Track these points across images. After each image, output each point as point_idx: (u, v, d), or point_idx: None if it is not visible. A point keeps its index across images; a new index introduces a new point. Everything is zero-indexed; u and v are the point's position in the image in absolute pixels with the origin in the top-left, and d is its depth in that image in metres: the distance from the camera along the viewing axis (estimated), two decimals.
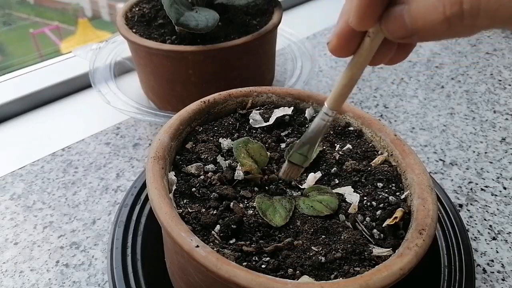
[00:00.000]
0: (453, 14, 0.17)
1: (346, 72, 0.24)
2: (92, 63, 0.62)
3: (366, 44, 0.22)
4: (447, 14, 0.17)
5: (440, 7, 0.18)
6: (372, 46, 0.22)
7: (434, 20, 0.18)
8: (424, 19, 0.18)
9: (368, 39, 0.22)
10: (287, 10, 0.92)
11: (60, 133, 0.58)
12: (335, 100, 0.25)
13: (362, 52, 0.23)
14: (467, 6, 0.17)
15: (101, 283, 0.40)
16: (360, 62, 0.23)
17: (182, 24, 0.48)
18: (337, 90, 0.25)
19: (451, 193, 0.50)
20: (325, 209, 0.30)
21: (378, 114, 0.63)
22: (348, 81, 0.24)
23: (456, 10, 0.17)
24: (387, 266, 0.25)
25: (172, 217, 0.27)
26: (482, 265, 0.42)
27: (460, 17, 0.17)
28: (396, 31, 0.20)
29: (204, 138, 0.36)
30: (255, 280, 0.23)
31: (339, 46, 0.23)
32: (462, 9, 0.17)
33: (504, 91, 0.68)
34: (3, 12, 1.30)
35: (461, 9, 0.17)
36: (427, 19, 0.18)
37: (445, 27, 0.18)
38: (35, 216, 0.46)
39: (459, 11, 0.17)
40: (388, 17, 0.20)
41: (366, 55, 0.23)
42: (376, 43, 0.22)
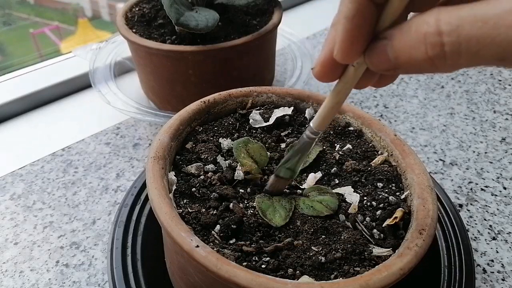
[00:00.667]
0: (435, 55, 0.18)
1: (331, 97, 0.25)
2: (92, 63, 0.62)
3: (350, 73, 0.23)
4: (429, 54, 0.18)
5: (422, 48, 0.18)
6: (356, 75, 0.23)
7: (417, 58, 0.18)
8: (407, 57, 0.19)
9: (352, 69, 0.23)
10: (287, 10, 0.92)
11: (60, 133, 0.58)
12: (321, 122, 0.27)
13: (346, 79, 0.23)
14: (448, 48, 0.17)
15: (101, 283, 0.40)
16: (345, 88, 0.24)
17: (182, 24, 0.48)
18: (323, 113, 0.26)
19: (451, 193, 0.50)
20: (325, 209, 0.30)
21: (378, 114, 0.63)
22: (335, 105, 0.25)
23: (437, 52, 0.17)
24: (387, 266, 0.25)
25: (172, 217, 0.27)
26: (482, 265, 0.42)
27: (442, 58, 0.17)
28: (380, 65, 0.20)
29: (204, 138, 0.36)
30: (255, 280, 0.23)
31: (324, 73, 0.23)
32: (444, 51, 0.17)
33: (504, 91, 0.68)
34: (3, 12, 1.30)
35: (442, 51, 0.17)
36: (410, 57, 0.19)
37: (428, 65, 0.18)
38: (35, 216, 0.46)
39: (441, 52, 0.17)
40: (372, 52, 0.21)
41: (351, 83, 0.23)
42: (360, 72, 0.23)
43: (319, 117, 0.26)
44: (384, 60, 0.20)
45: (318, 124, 0.27)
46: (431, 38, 0.17)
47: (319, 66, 0.23)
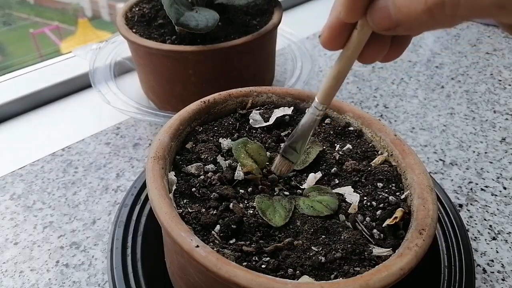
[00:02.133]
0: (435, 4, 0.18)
1: (334, 65, 0.25)
2: (92, 63, 0.62)
3: (354, 37, 0.23)
4: (428, 4, 0.18)
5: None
6: (359, 39, 0.23)
7: (417, 9, 0.19)
8: (408, 9, 0.19)
9: (356, 32, 0.23)
10: (287, 10, 0.92)
11: (60, 133, 0.58)
12: (324, 94, 0.26)
13: (350, 45, 0.23)
14: None
15: (101, 283, 0.40)
16: (348, 55, 0.24)
17: (182, 24, 0.48)
18: (326, 84, 0.25)
19: (451, 193, 0.50)
20: (325, 209, 0.30)
21: (378, 114, 0.63)
22: (337, 74, 0.25)
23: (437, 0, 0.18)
24: (387, 266, 0.25)
25: (172, 217, 0.27)
26: (482, 265, 0.42)
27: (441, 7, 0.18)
28: (381, 22, 0.21)
29: (204, 138, 0.36)
30: (255, 280, 0.23)
31: (330, 38, 0.24)
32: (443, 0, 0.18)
33: (504, 91, 0.68)
34: (3, 12, 1.30)
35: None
36: (410, 9, 0.19)
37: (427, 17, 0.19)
38: (35, 216, 0.46)
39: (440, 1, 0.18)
40: (374, 9, 0.21)
41: (354, 48, 0.23)
42: (363, 35, 0.23)
43: (323, 89, 0.26)
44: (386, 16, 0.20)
45: (322, 96, 0.26)
46: None
47: (326, 31, 0.23)
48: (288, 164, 0.31)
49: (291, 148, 0.30)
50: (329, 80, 0.25)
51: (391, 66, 0.74)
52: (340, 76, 0.25)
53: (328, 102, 0.26)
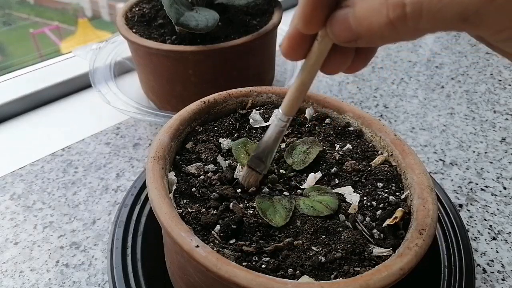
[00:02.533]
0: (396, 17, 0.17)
1: (297, 76, 0.24)
2: (92, 63, 0.62)
3: (314, 48, 0.22)
4: (390, 17, 0.18)
5: (383, 10, 0.18)
6: (320, 50, 0.22)
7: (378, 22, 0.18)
8: (369, 22, 0.18)
9: (316, 43, 0.22)
10: (287, 10, 0.92)
11: (60, 133, 0.58)
12: (288, 105, 0.25)
13: (311, 56, 0.23)
14: (409, 9, 0.17)
15: (101, 283, 0.40)
16: (310, 65, 0.23)
17: (182, 24, 0.48)
18: (289, 95, 0.25)
19: (451, 193, 0.50)
20: (325, 209, 0.30)
21: (378, 114, 0.63)
22: (300, 85, 0.24)
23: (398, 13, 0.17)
24: (387, 266, 0.25)
25: (172, 217, 0.27)
26: (482, 265, 0.42)
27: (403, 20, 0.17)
28: (341, 34, 0.20)
29: (204, 138, 0.36)
30: (255, 280, 0.23)
31: (290, 49, 0.23)
32: (405, 12, 0.17)
33: (504, 91, 0.68)
34: (3, 12, 1.30)
35: (403, 11, 0.17)
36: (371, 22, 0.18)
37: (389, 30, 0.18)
38: (35, 216, 0.46)
39: (402, 13, 0.17)
40: (333, 20, 0.20)
41: (315, 59, 0.23)
42: (324, 46, 0.22)
43: (287, 101, 0.25)
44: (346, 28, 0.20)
45: (285, 108, 0.26)
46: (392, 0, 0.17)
47: (286, 41, 0.23)
48: (256, 175, 0.31)
49: (258, 160, 0.30)
50: (292, 91, 0.25)
51: (391, 66, 0.74)
52: (303, 87, 0.24)
53: (292, 113, 0.26)
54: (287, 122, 0.27)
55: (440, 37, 0.83)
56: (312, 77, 0.24)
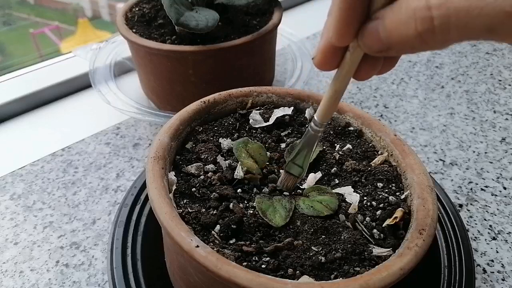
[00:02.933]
0: (425, 30, 0.18)
1: (331, 86, 0.26)
2: (92, 63, 0.62)
3: (347, 59, 0.23)
4: (419, 30, 0.18)
5: (412, 23, 0.18)
6: (352, 60, 0.23)
7: (407, 35, 0.19)
8: (398, 34, 0.19)
9: (348, 54, 0.23)
10: (287, 10, 0.92)
11: (60, 133, 0.58)
12: (323, 113, 0.27)
13: (344, 66, 0.24)
14: (437, 22, 0.17)
15: (101, 283, 0.40)
16: (343, 75, 0.24)
17: (182, 24, 0.48)
18: (324, 104, 0.27)
19: (451, 193, 0.50)
20: (325, 209, 0.30)
21: (378, 114, 0.63)
22: (333, 94, 0.26)
23: (427, 26, 0.18)
24: (387, 266, 0.25)
25: (172, 217, 0.27)
26: (482, 265, 0.42)
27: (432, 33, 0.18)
28: (373, 45, 0.21)
29: (204, 138, 0.36)
30: (255, 280, 0.23)
31: (324, 60, 0.24)
32: (433, 25, 0.17)
33: (504, 91, 0.68)
34: (3, 12, 1.30)
35: (432, 25, 0.17)
36: (401, 34, 0.19)
37: (418, 42, 0.19)
38: (35, 216, 0.46)
39: (430, 27, 0.18)
40: (365, 33, 0.21)
41: (348, 69, 0.24)
42: (356, 57, 0.23)
43: (321, 108, 0.27)
44: (376, 40, 0.20)
45: (321, 115, 0.27)
46: (420, 13, 0.18)
47: (319, 54, 0.24)
48: (294, 179, 0.32)
49: (295, 165, 0.31)
50: (326, 100, 0.26)
51: None
52: (337, 95, 0.26)
53: (327, 120, 0.28)
54: (322, 128, 0.28)
55: None
56: (346, 85, 0.25)
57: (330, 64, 0.24)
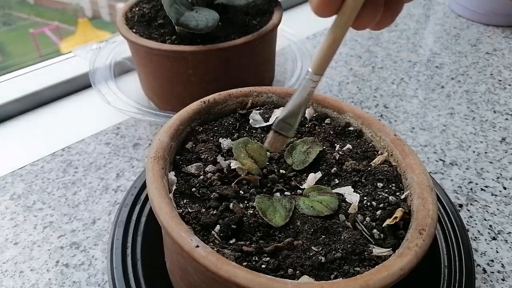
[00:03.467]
0: None
1: (329, 34, 0.23)
2: (92, 63, 0.62)
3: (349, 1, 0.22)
4: None
5: None
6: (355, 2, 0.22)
7: None
8: None
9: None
10: (287, 10, 0.92)
11: (60, 133, 0.58)
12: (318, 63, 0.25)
13: (345, 10, 0.22)
14: None
15: (101, 283, 0.40)
16: (344, 21, 0.23)
17: (182, 24, 0.48)
18: (320, 54, 0.24)
19: (451, 193, 0.50)
20: (325, 209, 0.30)
21: (378, 114, 0.63)
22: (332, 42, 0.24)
23: None
24: (387, 266, 0.25)
25: (172, 217, 0.27)
26: (482, 265, 0.42)
27: None
28: None
29: (204, 138, 0.36)
30: (255, 280, 0.23)
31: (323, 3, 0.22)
32: None
33: (504, 91, 0.68)
34: (3, 12, 1.30)
35: None
36: None
37: None
38: (35, 216, 0.46)
39: None
40: None
41: (349, 13, 0.22)
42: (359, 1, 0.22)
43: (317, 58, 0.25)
44: None
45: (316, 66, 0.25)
46: None
47: None
48: (282, 139, 0.29)
49: (286, 123, 0.28)
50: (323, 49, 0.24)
51: (391, 66, 0.74)
52: (336, 44, 0.24)
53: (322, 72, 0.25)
54: (317, 81, 0.26)
55: (440, 37, 0.83)
56: (344, 33, 0.23)
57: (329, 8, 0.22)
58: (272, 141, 0.29)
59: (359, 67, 0.73)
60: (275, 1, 0.60)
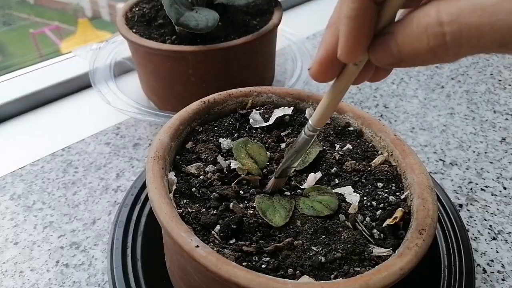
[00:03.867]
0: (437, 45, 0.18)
1: (329, 93, 0.25)
2: (92, 63, 0.62)
3: (350, 70, 0.23)
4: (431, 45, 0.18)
5: (424, 39, 0.18)
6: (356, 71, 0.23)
7: (419, 49, 0.19)
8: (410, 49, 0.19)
9: (354, 67, 0.23)
10: (287, 10, 0.92)
11: (60, 133, 0.58)
12: (319, 119, 0.27)
13: (345, 76, 0.24)
14: (449, 38, 0.18)
15: (101, 283, 0.40)
16: (344, 85, 0.24)
17: (182, 24, 0.48)
18: (320, 110, 0.26)
19: (451, 193, 0.50)
20: (325, 209, 0.30)
21: (378, 114, 0.63)
22: (331, 102, 0.25)
23: (439, 42, 0.18)
24: (387, 266, 0.25)
25: (172, 217, 0.27)
26: (482, 265, 0.42)
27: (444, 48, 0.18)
28: (385, 59, 0.21)
29: (204, 138, 0.36)
30: (255, 280, 0.23)
31: (321, 73, 0.24)
32: (445, 41, 0.18)
33: (504, 91, 0.68)
34: (3, 12, 1.30)
35: (444, 41, 0.18)
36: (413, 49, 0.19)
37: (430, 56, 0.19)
38: (35, 216, 0.46)
39: (442, 42, 0.18)
40: (376, 47, 0.21)
41: (349, 79, 0.24)
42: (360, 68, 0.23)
43: (317, 114, 0.27)
44: (389, 54, 0.20)
45: (316, 121, 0.27)
46: (432, 29, 0.18)
47: (316, 65, 0.23)
48: (283, 179, 0.32)
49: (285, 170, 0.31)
50: (324, 107, 0.26)
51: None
52: (335, 103, 0.26)
53: (321, 125, 0.28)
54: (315, 133, 0.28)
55: None
56: (344, 93, 0.25)
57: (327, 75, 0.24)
58: (274, 185, 0.32)
59: None
60: (275, 1, 0.60)
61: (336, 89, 0.25)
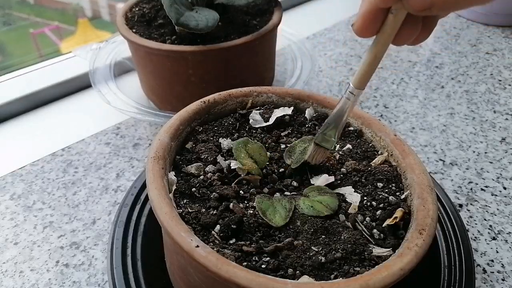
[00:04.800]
0: None
1: (370, 51, 0.25)
2: (92, 63, 0.62)
3: (389, 21, 0.24)
4: None
5: None
6: (395, 22, 0.24)
7: None
8: None
9: (391, 16, 0.23)
10: (287, 10, 0.92)
11: (60, 133, 0.58)
12: (360, 79, 0.26)
13: (386, 28, 0.24)
14: None
15: (101, 283, 0.40)
16: (384, 39, 0.24)
17: (182, 24, 0.48)
18: (362, 69, 0.26)
19: (451, 193, 0.50)
20: (325, 209, 0.30)
21: (378, 114, 0.63)
22: (373, 59, 0.25)
23: None
24: (387, 266, 0.25)
25: (172, 217, 0.27)
26: (482, 265, 0.42)
27: None
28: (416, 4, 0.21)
29: (204, 138, 0.36)
30: (255, 280, 0.23)
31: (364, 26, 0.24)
32: None
33: (504, 91, 0.68)
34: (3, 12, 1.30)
35: None
36: None
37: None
38: (35, 216, 0.46)
39: None
40: None
41: (390, 32, 0.24)
42: (399, 19, 0.23)
43: (358, 74, 0.26)
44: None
45: (357, 81, 0.26)
46: None
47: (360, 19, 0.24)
48: (324, 151, 0.31)
49: (326, 136, 0.30)
50: (365, 65, 0.26)
51: (391, 66, 0.74)
52: (376, 61, 0.25)
53: (363, 86, 0.27)
54: (357, 95, 0.27)
55: (440, 37, 0.83)
56: (385, 50, 0.25)
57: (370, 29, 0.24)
58: (314, 154, 0.31)
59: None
60: (275, 1, 0.60)
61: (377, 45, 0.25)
